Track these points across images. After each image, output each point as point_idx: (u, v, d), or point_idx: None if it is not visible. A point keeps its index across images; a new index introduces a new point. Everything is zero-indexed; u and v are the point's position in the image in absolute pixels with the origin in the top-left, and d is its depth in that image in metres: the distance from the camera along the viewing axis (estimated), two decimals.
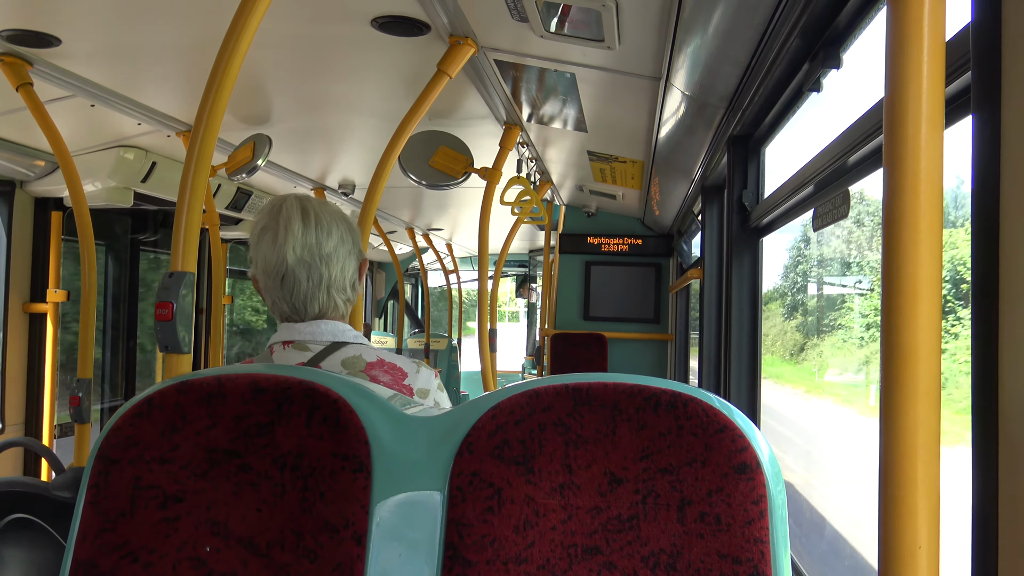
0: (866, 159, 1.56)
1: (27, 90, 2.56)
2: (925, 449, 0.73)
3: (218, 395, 1.05)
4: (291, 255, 1.43)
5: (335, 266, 1.46)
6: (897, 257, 0.73)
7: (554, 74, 2.65)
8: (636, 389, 0.98)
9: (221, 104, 1.48)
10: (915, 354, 0.72)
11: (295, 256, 1.43)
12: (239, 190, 4.61)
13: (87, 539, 1.02)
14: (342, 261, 1.47)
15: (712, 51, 2.00)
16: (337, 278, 1.47)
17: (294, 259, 1.43)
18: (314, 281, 1.45)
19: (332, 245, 1.46)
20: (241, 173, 3.16)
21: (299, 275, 1.44)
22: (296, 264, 1.43)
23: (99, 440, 1.06)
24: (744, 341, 2.60)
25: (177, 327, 1.41)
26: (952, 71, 0.99)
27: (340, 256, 1.47)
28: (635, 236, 6.26)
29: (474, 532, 0.96)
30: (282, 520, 1.00)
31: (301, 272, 1.44)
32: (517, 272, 12.16)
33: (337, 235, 1.47)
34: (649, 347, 6.19)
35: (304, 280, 1.44)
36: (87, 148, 3.59)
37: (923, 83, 0.72)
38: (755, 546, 0.92)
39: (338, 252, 1.47)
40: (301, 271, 1.44)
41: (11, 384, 3.88)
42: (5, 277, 3.82)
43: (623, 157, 3.93)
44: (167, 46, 2.49)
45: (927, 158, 0.72)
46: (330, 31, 2.31)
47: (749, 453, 0.94)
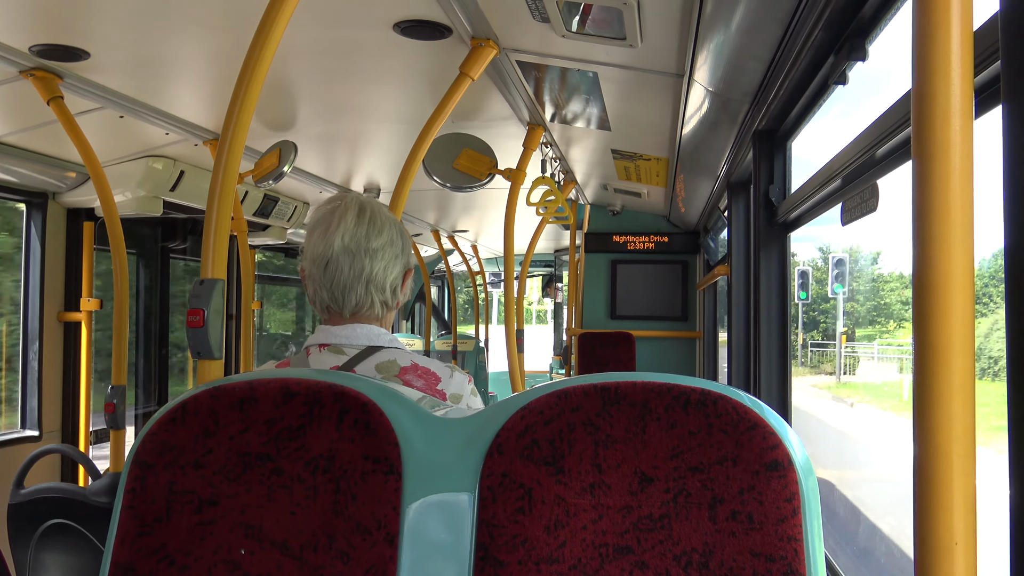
0: (895, 151, 1.54)
1: (58, 103, 2.61)
2: (960, 444, 0.72)
3: (250, 400, 1.06)
4: (338, 242, 1.47)
5: (378, 263, 1.48)
6: (929, 250, 0.72)
7: (576, 73, 2.65)
8: (665, 388, 0.98)
9: (248, 112, 1.49)
10: (948, 348, 0.71)
11: (342, 244, 1.47)
12: (266, 196, 4.66)
13: (125, 543, 1.04)
14: (386, 261, 1.50)
15: (735, 46, 1.99)
16: (378, 275, 1.49)
17: (340, 246, 1.47)
18: (355, 272, 1.47)
19: (380, 243, 1.49)
20: (268, 180, 3.19)
21: (342, 263, 1.47)
22: (341, 252, 1.47)
23: (135, 446, 1.08)
24: (773, 337, 2.57)
25: (209, 333, 1.43)
26: (981, 60, 0.97)
27: (386, 256, 1.50)
28: (661, 234, 6.23)
29: (505, 533, 0.96)
30: (315, 522, 1.01)
31: (344, 260, 1.47)
32: (543, 272, 12.15)
33: (387, 236, 1.50)
34: (677, 345, 6.16)
35: (346, 269, 1.47)
36: (117, 159, 3.64)
37: (952, 73, 0.71)
38: (788, 544, 0.92)
39: (384, 251, 1.49)
40: (345, 259, 1.47)
41: (47, 392, 3.94)
42: (40, 287, 3.89)
43: (647, 155, 3.91)
44: (193, 56, 2.52)
45: (957, 149, 0.71)
46: (353, 37, 2.33)
47: (781, 450, 0.93)
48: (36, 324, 3.89)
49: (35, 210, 3.88)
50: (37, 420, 3.90)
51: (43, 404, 3.92)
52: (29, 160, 3.47)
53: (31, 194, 3.82)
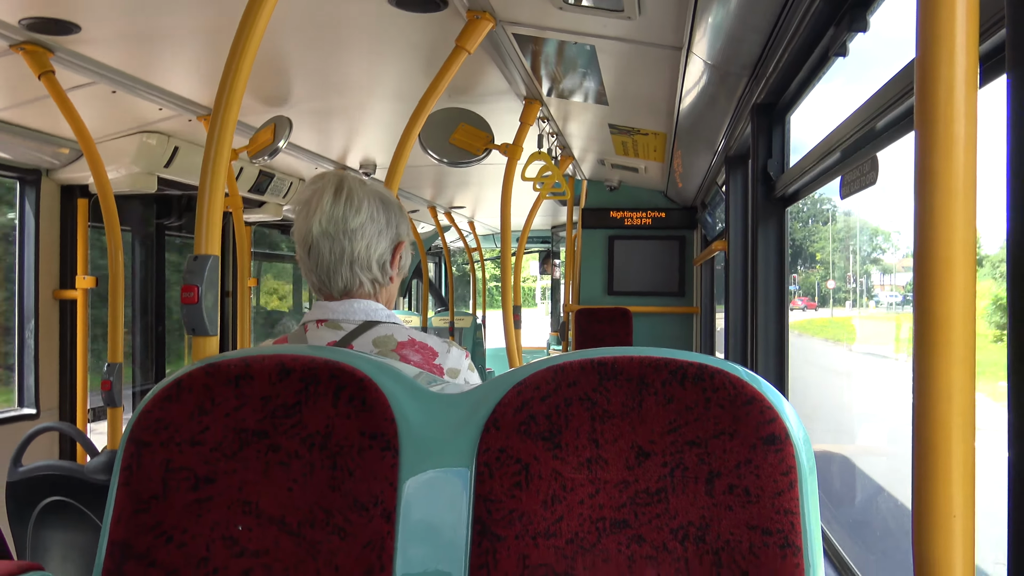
0: (896, 123, 1.53)
1: (49, 78, 2.58)
2: (960, 416, 0.71)
3: (245, 376, 1.06)
4: (316, 226, 1.46)
5: (359, 242, 1.47)
6: (931, 221, 0.71)
7: (574, 47, 2.62)
8: (662, 362, 0.97)
9: (239, 87, 1.47)
10: (949, 321, 0.71)
11: (320, 228, 1.46)
12: (261, 172, 4.63)
13: (121, 521, 1.04)
14: (368, 239, 1.48)
15: (734, 18, 1.96)
16: (361, 255, 1.47)
17: (319, 230, 1.46)
18: (336, 255, 1.47)
19: (359, 222, 1.46)
20: (263, 155, 3.16)
21: (323, 247, 1.46)
22: (321, 235, 1.46)
23: (130, 423, 1.08)
24: (771, 312, 2.57)
25: (203, 310, 1.42)
26: (986, 28, 0.96)
27: (367, 234, 1.47)
28: (658, 209, 6.21)
29: (502, 507, 0.96)
30: (312, 498, 1.01)
31: (324, 244, 1.46)
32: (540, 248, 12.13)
33: (367, 213, 1.47)
34: (674, 320, 6.16)
35: (327, 253, 1.47)
36: (110, 135, 3.61)
37: (956, 41, 0.69)
38: (785, 517, 0.92)
39: (365, 229, 1.47)
40: (324, 243, 1.46)
41: (44, 370, 3.94)
42: (35, 265, 3.88)
43: (645, 129, 3.89)
44: (186, 30, 2.49)
45: (961, 119, 0.70)
46: (347, 9, 2.30)
47: (778, 424, 0.93)
48: (32, 302, 3.88)
49: (28, 187, 3.86)
50: (35, 398, 3.91)
51: (40, 382, 3.92)
52: (21, 136, 3.44)
53: (24, 171, 3.79)
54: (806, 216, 5.26)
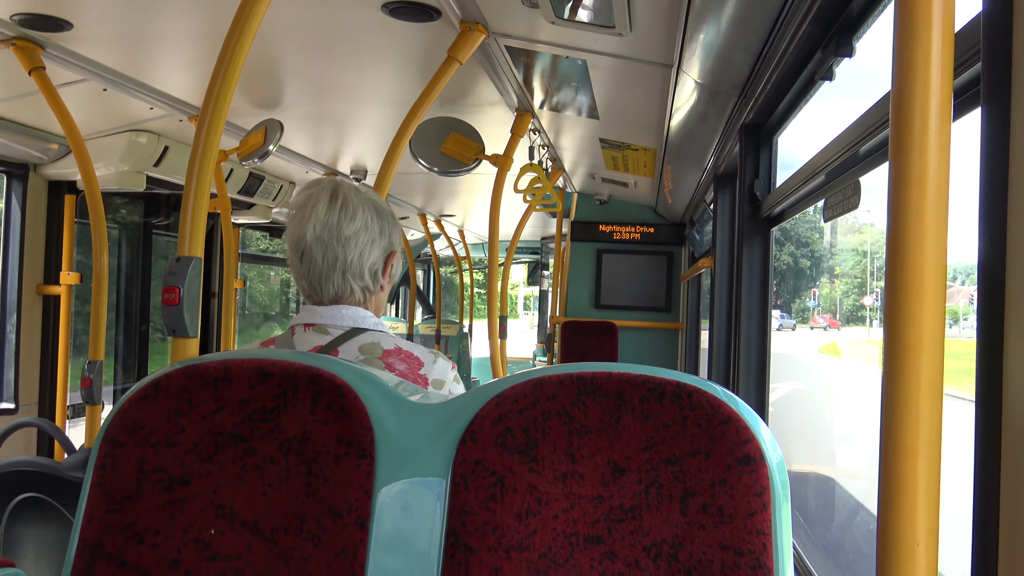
0: (876, 150, 1.55)
1: (39, 74, 2.57)
2: (926, 445, 0.72)
3: (224, 379, 1.06)
4: (311, 232, 1.46)
5: (352, 250, 1.47)
6: (902, 250, 0.72)
7: (565, 61, 2.64)
8: (641, 379, 0.98)
9: (229, 89, 1.48)
10: (918, 348, 0.72)
11: (314, 234, 1.46)
12: (251, 175, 4.62)
13: (93, 520, 1.03)
14: (361, 247, 1.48)
15: (724, 38, 1.98)
16: (353, 263, 1.47)
17: (312, 236, 1.46)
18: (328, 261, 1.47)
19: (353, 229, 1.46)
20: (253, 158, 3.16)
21: (315, 253, 1.46)
22: (314, 242, 1.46)
23: (106, 422, 1.07)
24: (753, 332, 2.59)
25: (184, 311, 1.42)
26: (961, 62, 0.97)
27: (360, 242, 1.47)
28: (647, 224, 6.24)
29: (476, 520, 0.97)
30: (287, 504, 1.01)
31: (318, 250, 1.46)
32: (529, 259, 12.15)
33: (361, 220, 1.47)
34: (660, 336, 6.18)
35: (319, 259, 1.47)
36: (100, 132, 3.60)
37: (932, 74, 0.71)
38: (757, 538, 0.92)
39: (358, 237, 1.47)
40: (318, 249, 1.46)
41: (25, 365, 3.91)
42: (19, 259, 3.86)
43: (635, 145, 3.91)
44: (179, 31, 2.49)
45: (935, 151, 0.71)
46: (341, 16, 2.31)
47: (753, 445, 0.94)
48: (14, 296, 3.86)
49: (16, 181, 3.84)
50: (14, 393, 3.87)
51: (20, 377, 3.89)
52: (10, 130, 3.42)
53: (12, 165, 3.77)
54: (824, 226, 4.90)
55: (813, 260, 4.87)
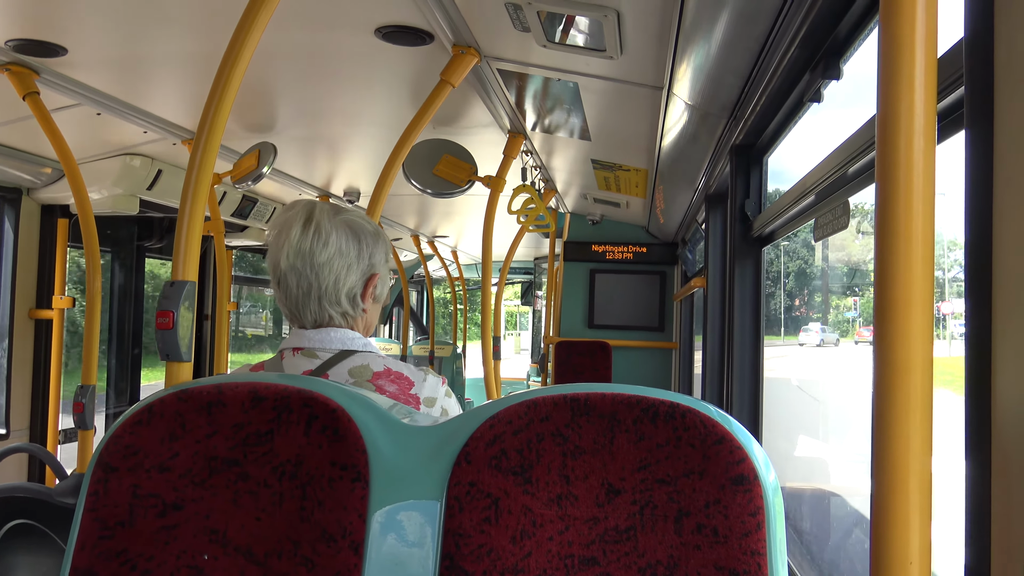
0: (864, 171, 1.57)
1: (34, 99, 2.58)
2: (918, 462, 0.73)
3: (218, 403, 1.06)
4: (284, 260, 1.45)
5: (326, 277, 1.44)
6: (890, 271, 0.73)
7: (557, 83, 2.66)
8: (634, 400, 0.98)
9: (223, 113, 1.48)
10: (908, 367, 0.72)
11: (288, 262, 1.44)
12: (244, 197, 4.63)
13: (86, 547, 1.03)
14: (336, 273, 1.45)
15: (714, 61, 2.01)
16: (328, 289, 1.45)
17: (287, 264, 1.44)
18: (303, 289, 1.45)
19: (327, 256, 1.44)
20: (246, 181, 3.17)
21: (290, 281, 1.45)
22: (288, 270, 1.45)
23: (99, 448, 1.07)
24: (746, 351, 2.59)
25: (178, 336, 1.42)
26: (945, 86, 0.99)
27: (335, 268, 1.45)
28: (640, 244, 6.26)
29: (471, 542, 0.96)
30: (280, 529, 1.01)
31: (292, 278, 1.45)
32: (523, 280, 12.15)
33: (335, 246, 1.45)
34: (653, 355, 6.19)
35: (294, 287, 1.45)
36: (93, 156, 3.61)
37: (916, 98, 0.72)
38: (752, 558, 0.92)
39: (332, 264, 1.44)
40: (292, 277, 1.45)
41: (16, 390, 3.89)
42: (11, 283, 3.84)
43: (627, 165, 3.93)
44: (172, 55, 2.50)
45: (920, 173, 0.72)
46: (334, 40, 2.33)
47: (747, 465, 0.94)
48: (6, 321, 3.84)
49: (8, 205, 3.84)
50: (5, 418, 3.85)
51: (11, 402, 3.86)
52: (3, 155, 3.43)
53: (5, 189, 3.77)
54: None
55: (850, 267, 4.39)
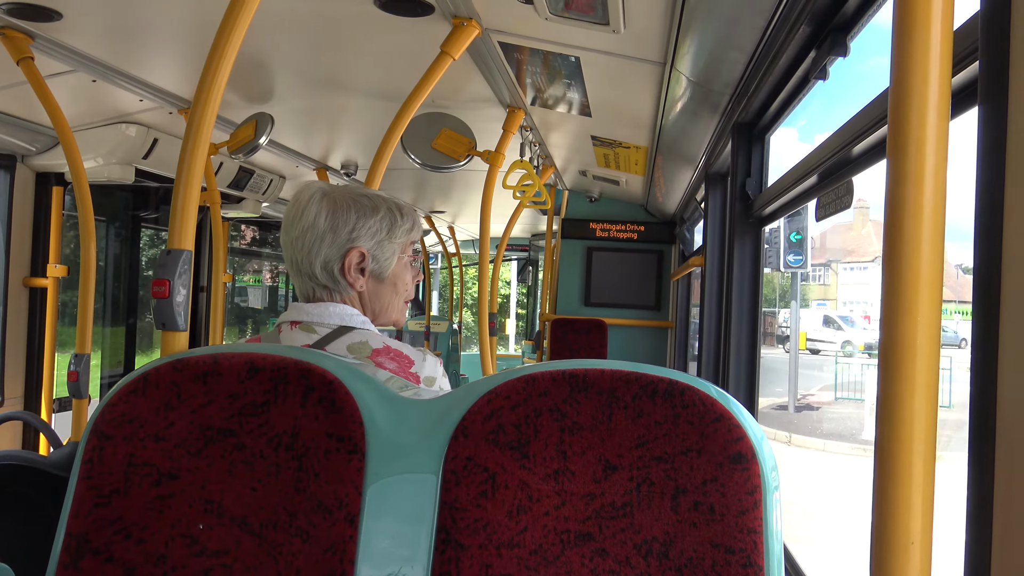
0: (870, 149, 1.55)
1: (28, 64, 2.55)
2: (922, 442, 0.72)
3: (214, 373, 1.05)
4: (283, 236, 1.53)
5: (300, 251, 1.49)
6: (899, 249, 0.72)
7: (558, 57, 2.63)
8: (633, 376, 0.98)
9: (220, 82, 1.46)
10: (914, 347, 0.72)
11: (285, 238, 1.52)
12: (241, 169, 4.59)
13: (80, 514, 1.02)
14: (308, 247, 1.48)
15: (718, 37, 1.98)
16: (303, 263, 1.49)
17: (284, 240, 1.52)
18: (292, 262, 1.51)
19: (300, 230, 1.48)
20: (243, 151, 3.14)
21: (286, 255, 1.53)
22: (285, 245, 1.53)
23: (94, 416, 1.06)
24: (744, 331, 2.59)
25: (174, 304, 1.40)
26: (959, 60, 0.97)
27: (306, 242, 1.48)
28: (638, 222, 6.25)
29: (467, 516, 0.96)
30: (276, 499, 1.00)
31: (286, 253, 1.52)
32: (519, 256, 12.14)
33: (306, 220, 1.47)
34: (649, 334, 6.19)
35: (288, 261, 1.53)
36: (89, 124, 3.57)
37: (930, 72, 0.71)
38: (748, 536, 0.92)
39: (304, 238, 1.48)
40: (286, 252, 1.52)
41: (11, 358, 3.88)
42: (6, 251, 3.82)
43: (627, 143, 3.91)
44: (169, 22, 2.47)
45: (932, 149, 0.71)
46: (333, 9, 2.29)
47: (744, 443, 0.94)
48: (1, 289, 3.82)
49: (3, 171, 3.80)
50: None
51: (6, 370, 3.86)
52: None
53: None
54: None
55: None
